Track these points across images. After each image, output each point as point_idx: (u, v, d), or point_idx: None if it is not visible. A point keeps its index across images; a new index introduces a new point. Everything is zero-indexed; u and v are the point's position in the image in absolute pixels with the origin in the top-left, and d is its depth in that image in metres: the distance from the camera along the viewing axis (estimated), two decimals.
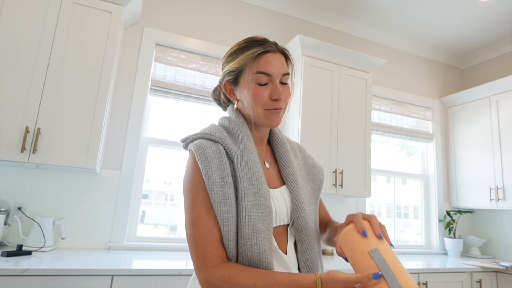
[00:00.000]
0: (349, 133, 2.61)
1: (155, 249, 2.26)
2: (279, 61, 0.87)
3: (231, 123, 0.91)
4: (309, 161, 1.05)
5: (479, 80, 3.61)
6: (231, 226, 0.78)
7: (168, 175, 2.57)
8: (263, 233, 0.78)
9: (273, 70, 0.85)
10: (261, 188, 0.82)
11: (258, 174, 0.84)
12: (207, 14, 2.69)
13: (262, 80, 0.85)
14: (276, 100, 0.85)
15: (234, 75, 0.90)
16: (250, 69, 0.86)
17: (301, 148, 1.09)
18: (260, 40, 0.88)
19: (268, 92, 0.86)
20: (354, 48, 3.25)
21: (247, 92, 0.87)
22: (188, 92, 2.51)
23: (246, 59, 0.87)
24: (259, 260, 0.77)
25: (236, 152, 0.85)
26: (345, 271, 2.05)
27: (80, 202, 2.13)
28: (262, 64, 0.85)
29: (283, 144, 0.98)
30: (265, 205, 0.81)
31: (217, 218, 0.78)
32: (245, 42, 0.89)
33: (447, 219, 3.29)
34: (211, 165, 0.81)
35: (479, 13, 2.94)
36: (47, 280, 1.48)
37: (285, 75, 0.88)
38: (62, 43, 1.90)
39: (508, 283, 2.52)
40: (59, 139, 1.84)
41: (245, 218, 0.78)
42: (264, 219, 0.80)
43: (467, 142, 3.27)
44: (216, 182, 0.79)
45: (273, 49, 0.88)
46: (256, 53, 0.86)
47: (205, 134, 0.87)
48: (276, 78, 0.86)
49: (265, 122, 0.88)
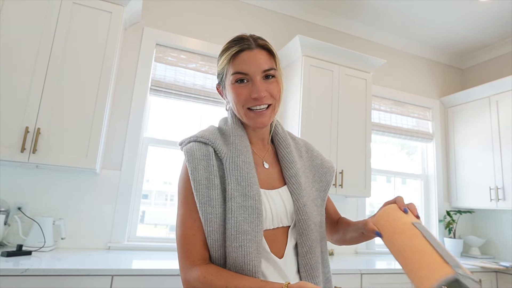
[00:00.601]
0: (349, 133, 2.61)
1: (155, 249, 2.26)
2: (256, 58, 0.84)
3: (226, 124, 0.92)
4: (317, 162, 1.01)
5: (479, 80, 3.61)
6: (215, 227, 0.79)
7: (168, 175, 2.57)
8: (249, 235, 0.77)
9: (249, 68, 0.84)
10: (250, 189, 0.81)
11: (249, 175, 0.83)
12: (207, 14, 2.69)
13: (240, 79, 0.85)
14: (256, 98, 0.83)
15: (220, 77, 0.92)
16: (227, 70, 0.87)
17: (309, 147, 1.05)
18: (237, 39, 0.88)
19: (248, 90, 0.84)
20: (354, 48, 3.25)
21: (230, 93, 0.88)
22: (188, 92, 2.51)
23: (225, 60, 0.88)
24: (244, 262, 0.76)
25: (225, 153, 0.85)
26: (348, 271, 2.05)
27: (80, 202, 2.13)
28: (237, 64, 0.85)
29: (286, 145, 0.96)
30: (253, 206, 0.80)
31: (201, 218, 0.79)
32: (227, 43, 0.90)
33: (447, 219, 3.29)
34: (198, 167, 0.82)
35: (479, 13, 2.94)
36: (47, 280, 1.48)
37: (267, 71, 0.85)
38: (62, 43, 1.90)
39: (508, 283, 2.52)
40: (59, 139, 1.84)
41: (231, 219, 0.78)
42: (252, 221, 0.79)
43: (467, 142, 3.27)
44: (201, 184, 0.81)
45: (248, 47, 0.85)
46: (231, 54, 0.86)
47: (197, 137, 0.88)
48: (254, 75, 0.84)
49: (249, 123, 0.87)
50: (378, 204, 3.27)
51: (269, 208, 0.85)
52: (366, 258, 2.67)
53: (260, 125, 0.86)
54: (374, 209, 3.24)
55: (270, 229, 0.85)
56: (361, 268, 2.12)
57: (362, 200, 2.97)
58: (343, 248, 2.82)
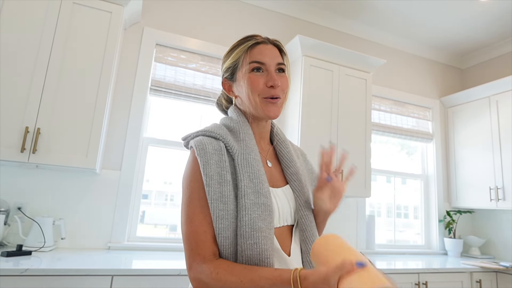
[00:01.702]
0: (349, 133, 2.61)
1: (155, 249, 2.26)
2: (271, 51, 0.90)
3: (232, 122, 0.91)
4: (309, 167, 1.07)
5: (479, 80, 3.61)
6: (226, 224, 0.77)
7: (168, 175, 2.57)
8: (264, 232, 0.77)
9: (266, 59, 0.88)
10: (262, 186, 0.81)
11: (259, 172, 0.83)
12: (207, 14, 2.69)
13: (257, 68, 0.88)
14: (272, 86, 0.86)
15: (230, 70, 0.93)
16: (244, 61, 0.89)
17: (302, 152, 1.11)
18: (252, 35, 0.93)
19: (264, 79, 0.87)
20: (354, 48, 3.25)
21: (244, 83, 0.88)
22: (188, 92, 2.51)
23: (240, 52, 0.90)
24: (259, 260, 0.75)
25: (237, 149, 0.85)
26: None
27: (80, 202, 2.13)
28: (255, 54, 0.89)
29: (285, 144, 0.98)
30: (266, 204, 0.80)
31: (212, 215, 0.77)
32: (238, 41, 0.93)
33: (447, 219, 3.29)
34: (210, 161, 0.80)
35: (479, 13, 2.94)
36: (47, 280, 1.48)
37: (280, 64, 0.90)
38: (62, 43, 1.90)
39: (508, 283, 2.52)
40: (59, 139, 1.84)
41: (245, 216, 0.77)
42: (265, 218, 0.79)
43: (467, 142, 3.27)
44: (214, 179, 0.79)
45: (264, 41, 0.91)
46: (248, 45, 0.90)
47: (206, 131, 0.87)
48: (270, 66, 0.88)
49: (262, 112, 0.88)
50: (378, 204, 3.27)
51: (277, 206, 0.86)
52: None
53: (273, 114, 0.88)
54: (374, 209, 3.24)
55: (278, 227, 0.86)
56: None
57: (362, 200, 2.97)
58: None
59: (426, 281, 2.28)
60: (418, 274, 2.28)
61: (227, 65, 0.93)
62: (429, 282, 2.30)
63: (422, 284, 2.27)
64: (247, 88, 0.87)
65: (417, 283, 2.26)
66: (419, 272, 2.29)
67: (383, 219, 3.25)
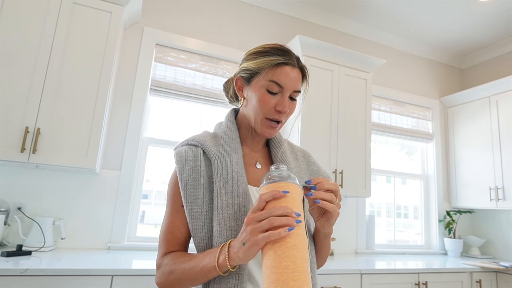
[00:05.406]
0: (349, 133, 2.61)
1: (155, 249, 2.25)
2: (295, 77, 0.88)
3: (220, 128, 0.97)
4: (313, 168, 1.03)
5: (479, 80, 3.61)
6: (201, 225, 0.82)
7: (168, 175, 2.57)
8: (236, 231, 0.78)
9: (286, 83, 0.86)
10: (237, 187, 0.83)
11: (237, 174, 0.85)
12: (207, 14, 2.69)
13: (273, 89, 0.86)
14: (279, 112, 0.87)
15: (249, 74, 0.91)
16: (265, 74, 0.87)
17: (306, 154, 1.08)
18: (285, 51, 0.90)
19: (275, 102, 0.87)
20: (354, 48, 3.25)
21: (256, 95, 0.88)
22: (188, 92, 2.51)
23: (265, 63, 0.87)
24: None
25: (214, 153, 0.88)
26: (348, 271, 2.04)
27: (80, 202, 2.13)
28: (279, 74, 0.86)
29: (280, 146, 0.99)
30: (241, 204, 0.82)
31: (188, 217, 0.83)
32: (270, 48, 0.90)
33: (447, 219, 3.29)
34: (186, 168, 0.86)
35: (479, 13, 2.94)
36: (47, 280, 1.48)
37: (296, 91, 0.89)
38: (62, 43, 1.90)
39: (508, 283, 2.52)
40: (59, 139, 1.84)
41: (217, 216, 0.80)
42: (238, 218, 0.80)
43: (467, 142, 3.27)
44: (189, 183, 0.84)
45: (293, 63, 0.88)
46: (276, 62, 0.86)
47: (188, 140, 0.92)
48: (287, 91, 0.87)
49: (260, 130, 0.90)
50: (378, 204, 3.27)
51: None
52: (366, 258, 2.67)
53: (268, 135, 0.91)
54: (374, 209, 3.24)
55: None
56: (361, 268, 2.12)
57: (362, 200, 2.97)
58: (343, 248, 2.82)
59: (426, 281, 2.28)
60: (418, 274, 2.28)
61: (248, 66, 0.91)
62: (429, 282, 2.30)
63: (422, 284, 2.27)
64: (256, 103, 0.88)
65: (417, 283, 2.26)
66: (419, 272, 2.29)
67: (383, 219, 3.25)
